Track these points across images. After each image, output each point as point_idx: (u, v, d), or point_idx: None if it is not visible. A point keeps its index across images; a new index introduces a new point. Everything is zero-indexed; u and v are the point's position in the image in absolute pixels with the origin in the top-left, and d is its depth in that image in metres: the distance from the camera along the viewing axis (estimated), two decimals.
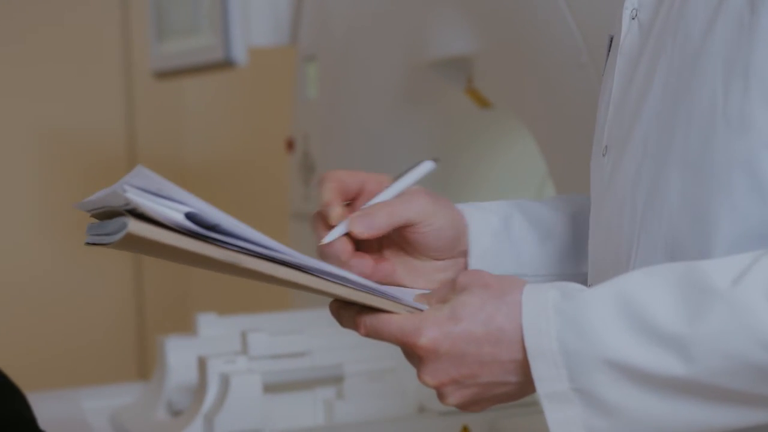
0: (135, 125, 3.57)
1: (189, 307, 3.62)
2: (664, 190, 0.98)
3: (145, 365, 3.59)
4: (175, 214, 0.89)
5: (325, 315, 1.88)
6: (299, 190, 2.36)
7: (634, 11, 1.07)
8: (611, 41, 1.14)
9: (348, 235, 1.07)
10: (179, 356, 1.80)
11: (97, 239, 0.94)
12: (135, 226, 0.88)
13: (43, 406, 1.53)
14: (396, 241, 1.11)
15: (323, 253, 1.08)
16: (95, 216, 0.96)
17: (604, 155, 1.08)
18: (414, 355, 0.97)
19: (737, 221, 0.94)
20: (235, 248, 0.92)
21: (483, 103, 1.91)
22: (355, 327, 1.00)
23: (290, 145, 2.42)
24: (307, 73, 2.33)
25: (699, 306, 0.89)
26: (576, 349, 0.92)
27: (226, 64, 2.38)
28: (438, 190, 1.12)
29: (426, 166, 1.11)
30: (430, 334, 0.95)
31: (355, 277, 0.98)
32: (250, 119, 3.56)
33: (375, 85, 2.12)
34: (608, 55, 1.15)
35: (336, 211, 1.07)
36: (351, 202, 1.10)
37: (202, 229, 0.90)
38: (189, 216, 0.89)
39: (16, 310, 3.42)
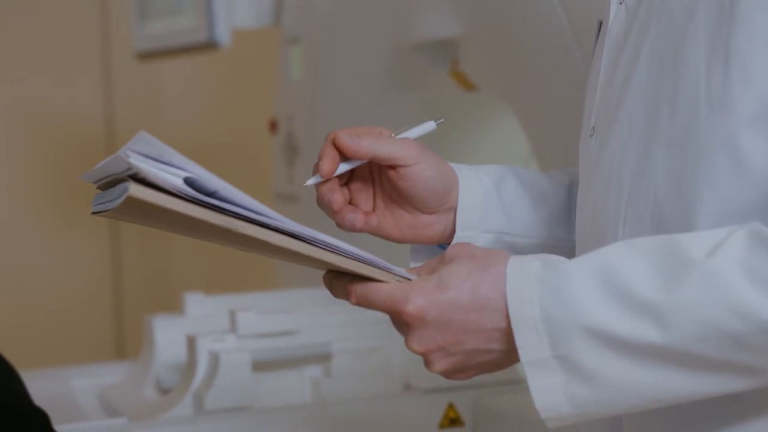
0: (113, 104, 3.57)
1: (167, 286, 3.62)
2: (650, 168, 1.01)
3: (123, 344, 3.59)
4: (174, 179, 0.91)
5: (310, 294, 1.92)
6: (283, 171, 2.37)
7: None
8: (600, 26, 1.17)
9: (342, 186, 1.12)
10: (167, 335, 1.82)
11: (101, 207, 0.96)
12: (136, 190, 0.90)
13: (31, 384, 1.55)
14: (387, 191, 1.14)
15: (318, 201, 1.11)
16: (100, 187, 0.98)
17: (591, 136, 1.11)
18: (402, 322, 1.00)
19: (718, 198, 0.97)
20: (232, 214, 0.94)
21: (467, 85, 1.93)
22: (346, 296, 1.03)
23: (273, 126, 2.43)
24: (290, 55, 2.33)
25: (675, 276, 0.92)
26: (557, 317, 0.95)
27: (209, 45, 2.39)
28: None
29: (428, 126, 1.16)
30: (417, 301, 0.98)
31: (348, 246, 1.01)
32: (229, 99, 3.56)
33: (359, 67, 2.13)
34: (597, 39, 1.17)
35: (328, 156, 1.10)
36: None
37: (200, 194, 0.92)
38: (188, 181, 0.91)
39: None
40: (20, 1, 3.44)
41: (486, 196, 1.17)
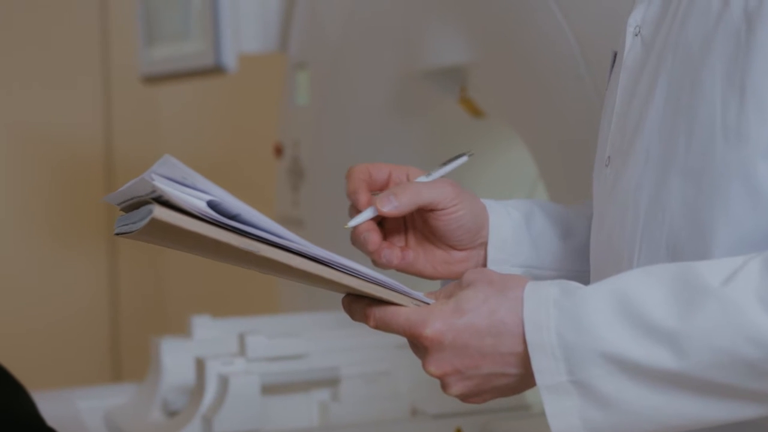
0: (112, 125, 3.57)
1: (162, 306, 3.62)
2: (666, 198, 1.02)
3: (119, 364, 3.59)
4: (197, 201, 0.92)
5: (318, 318, 1.93)
6: (287, 195, 2.38)
7: (637, 28, 1.12)
8: (614, 57, 1.18)
9: (377, 225, 1.13)
10: (174, 357, 1.82)
11: (124, 228, 0.97)
12: (160, 212, 0.91)
13: (37, 405, 1.55)
14: (420, 229, 1.16)
15: (354, 241, 1.13)
16: (123, 209, 0.99)
17: (606, 166, 1.12)
18: (420, 345, 1.01)
19: (733, 228, 0.98)
20: (254, 237, 0.95)
21: (476, 112, 1.94)
22: (365, 319, 1.04)
23: (278, 150, 2.44)
24: (297, 79, 2.35)
25: (691, 303, 0.93)
26: (574, 342, 0.96)
27: (216, 69, 2.40)
28: None
29: (462, 160, 1.17)
30: (435, 325, 0.99)
31: (367, 270, 1.02)
32: (229, 124, 3.57)
33: (367, 93, 2.14)
34: (611, 70, 1.18)
35: (362, 197, 1.11)
36: (378, 192, 1.14)
37: (222, 217, 0.93)
38: (211, 204, 0.92)
39: None
40: (21, 20, 3.45)
41: (515, 230, 1.19)
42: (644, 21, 1.11)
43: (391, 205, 1.10)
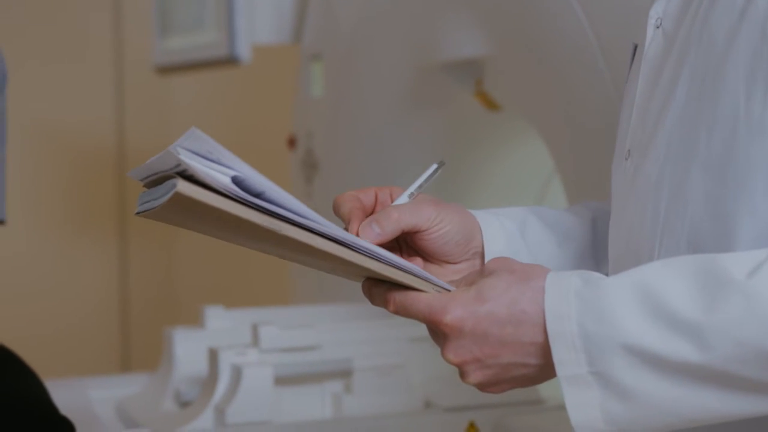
0: (124, 117, 3.57)
1: (173, 297, 3.63)
2: (687, 191, 1.02)
3: (129, 354, 3.59)
4: (222, 177, 0.91)
5: (332, 310, 1.93)
6: (301, 187, 2.38)
7: (659, 20, 1.11)
8: (635, 50, 1.18)
9: None
10: (187, 348, 1.82)
11: (146, 206, 0.96)
12: (184, 186, 0.90)
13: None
14: (411, 247, 1.14)
15: None
16: (146, 185, 0.98)
17: (626, 158, 1.11)
18: (439, 332, 1.01)
19: (756, 221, 0.98)
20: (277, 216, 0.94)
21: (492, 106, 1.93)
22: (385, 303, 1.04)
23: (292, 142, 2.43)
24: (312, 71, 2.34)
25: (715, 295, 0.92)
26: (595, 333, 0.95)
27: (230, 60, 2.40)
28: (442, 190, 1.14)
29: (431, 169, 1.14)
30: (455, 312, 0.99)
31: (389, 254, 1.02)
32: (242, 115, 3.57)
33: (382, 85, 2.13)
34: (632, 62, 1.18)
35: (354, 225, 1.10)
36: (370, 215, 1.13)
37: (247, 194, 0.92)
38: (235, 180, 0.92)
39: (2, 300, 3.41)
40: (32, 13, 3.45)
41: (509, 242, 1.17)
42: (666, 13, 1.10)
43: (374, 233, 1.08)
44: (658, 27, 1.11)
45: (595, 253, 1.22)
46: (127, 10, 3.52)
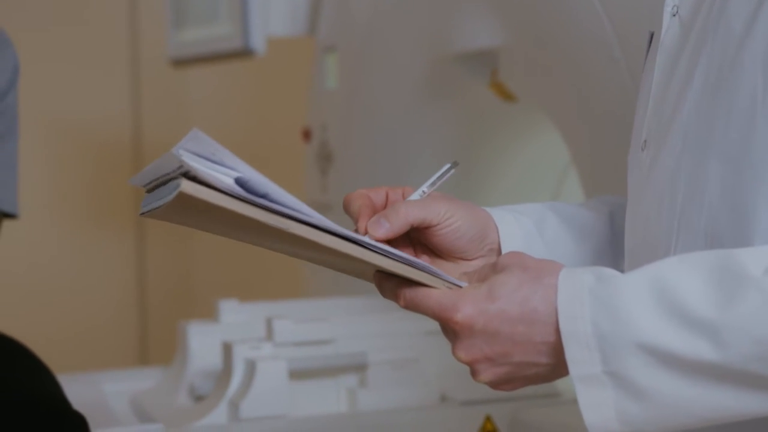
0: (141, 110, 3.57)
1: (191, 291, 3.63)
2: (704, 182, 1.00)
3: (146, 348, 3.60)
4: (225, 178, 0.90)
5: (346, 303, 1.91)
6: (316, 179, 2.37)
7: (675, 8, 1.09)
8: (651, 38, 1.16)
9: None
10: (201, 341, 1.82)
11: (150, 206, 0.95)
12: (187, 186, 0.89)
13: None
14: (426, 244, 1.13)
15: None
16: (149, 191, 0.97)
17: (643, 149, 1.10)
18: (450, 330, 0.99)
19: None
20: (282, 215, 0.93)
21: (507, 96, 1.92)
22: (395, 298, 1.02)
23: (307, 134, 2.43)
24: (326, 63, 2.33)
25: (732, 292, 0.90)
26: (609, 332, 0.93)
27: (244, 52, 2.39)
28: (457, 183, 1.12)
29: (444, 169, 1.13)
30: (466, 310, 0.97)
31: (398, 251, 1.00)
32: (257, 108, 3.57)
33: (397, 76, 2.12)
34: (648, 51, 1.16)
35: (362, 224, 1.08)
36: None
37: (250, 195, 0.91)
38: (238, 181, 0.91)
39: (21, 295, 3.42)
40: (49, 10, 3.45)
41: (526, 239, 1.16)
42: (682, 1, 1.08)
43: (383, 229, 1.06)
44: (674, 15, 1.09)
45: (613, 248, 1.21)
46: (142, 4, 3.52)
